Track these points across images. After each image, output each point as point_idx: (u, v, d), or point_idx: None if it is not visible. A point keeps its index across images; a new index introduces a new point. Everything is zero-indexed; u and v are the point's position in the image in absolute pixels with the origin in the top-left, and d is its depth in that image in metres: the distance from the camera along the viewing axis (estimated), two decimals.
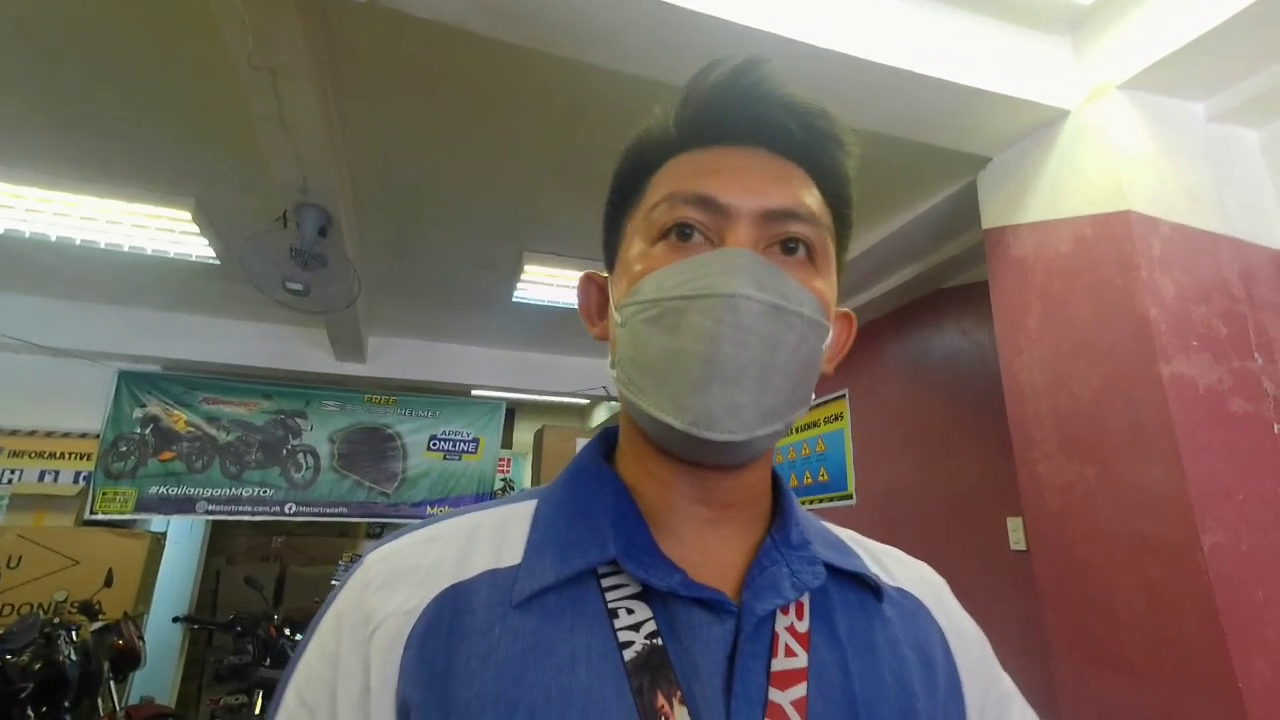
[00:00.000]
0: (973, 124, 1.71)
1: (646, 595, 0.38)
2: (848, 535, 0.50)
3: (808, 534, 0.45)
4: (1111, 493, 1.43)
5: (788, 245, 0.43)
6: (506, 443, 4.91)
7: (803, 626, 0.39)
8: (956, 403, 2.66)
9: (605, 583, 0.39)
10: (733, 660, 0.36)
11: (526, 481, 6.27)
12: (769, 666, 0.37)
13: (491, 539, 0.41)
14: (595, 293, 0.51)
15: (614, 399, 4.72)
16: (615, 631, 0.37)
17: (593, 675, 0.35)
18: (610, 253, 0.50)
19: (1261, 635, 1.23)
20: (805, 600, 0.41)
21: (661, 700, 0.34)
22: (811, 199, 0.44)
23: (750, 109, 0.44)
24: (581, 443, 4.43)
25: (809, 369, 0.42)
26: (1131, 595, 1.37)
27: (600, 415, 5.44)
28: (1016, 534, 2.28)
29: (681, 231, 0.42)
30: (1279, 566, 1.28)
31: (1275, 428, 1.40)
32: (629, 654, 0.36)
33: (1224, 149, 1.60)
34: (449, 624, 0.36)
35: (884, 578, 0.46)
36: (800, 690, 0.37)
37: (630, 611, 0.37)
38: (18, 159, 2.26)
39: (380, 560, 0.40)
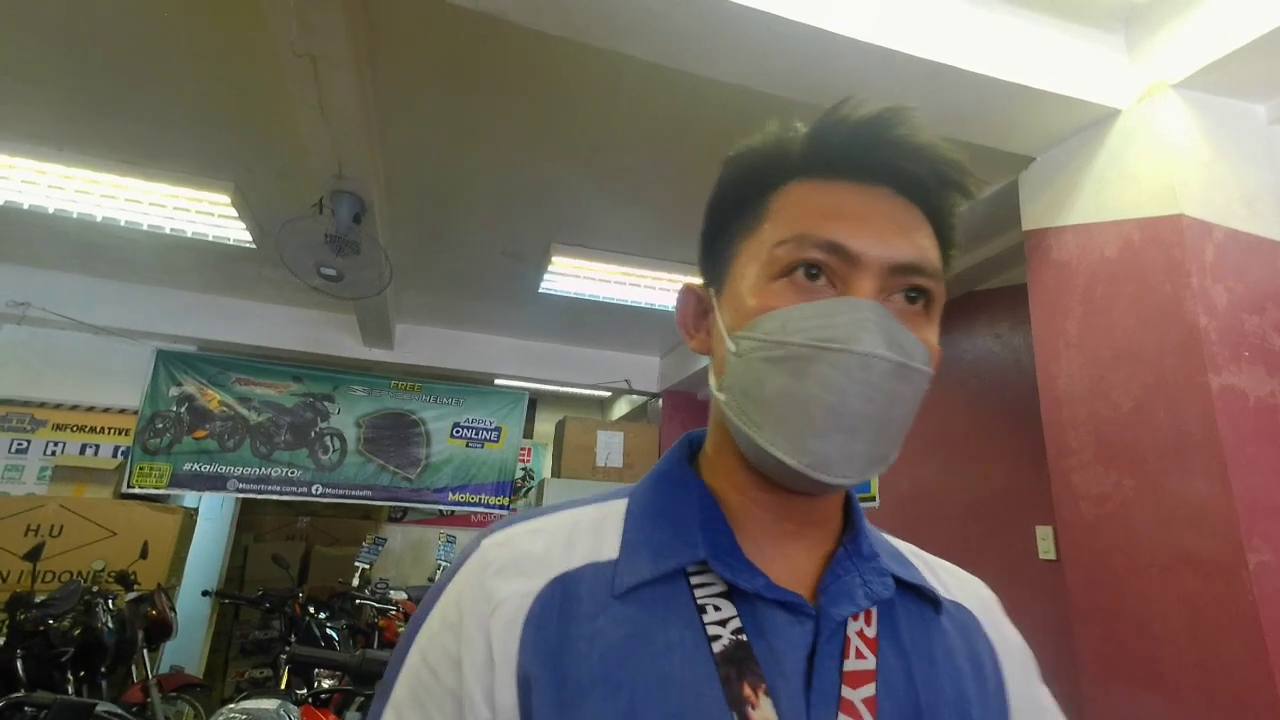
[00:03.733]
0: (1018, 122, 1.66)
1: (731, 595, 0.41)
2: (907, 548, 0.52)
3: (876, 546, 0.48)
4: (1151, 505, 1.39)
5: (908, 294, 0.44)
6: (528, 433, 4.95)
7: (871, 632, 0.42)
8: (987, 407, 2.61)
9: (694, 580, 0.42)
10: (812, 660, 0.40)
11: (546, 471, 6.32)
12: (841, 666, 0.40)
13: (590, 534, 0.45)
14: (694, 303, 0.51)
15: (636, 392, 4.73)
16: (704, 625, 0.40)
17: (686, 663, 0.38)
18: (714, 265, 0.50)
19: None
20: (873, 609, 0.44)
21: (748, 690, 0.37)
22: (932, 249, 0.45)
23: (888, 153, 0.44)
24: (602, 435, 4.45)
25: (914, 415, 0.44)
26: (1168, 611, 1.33)
27: (621, 408, 5.46)
28: (1045, 543, 2.23)
29: (807, 272, 0.43)
30: None
31: None
32: (717, 646, 0.39)
33: None
34: (559, 608, 0.40)
35: (941, 591, 0.48)
36: (869, 690, 0.39)
37: (717, 609, 0.41)
38: (66, 142, 2.33)
39: (497, 546, 0.44)
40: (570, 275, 3.16)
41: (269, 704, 1.97)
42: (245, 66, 1.91)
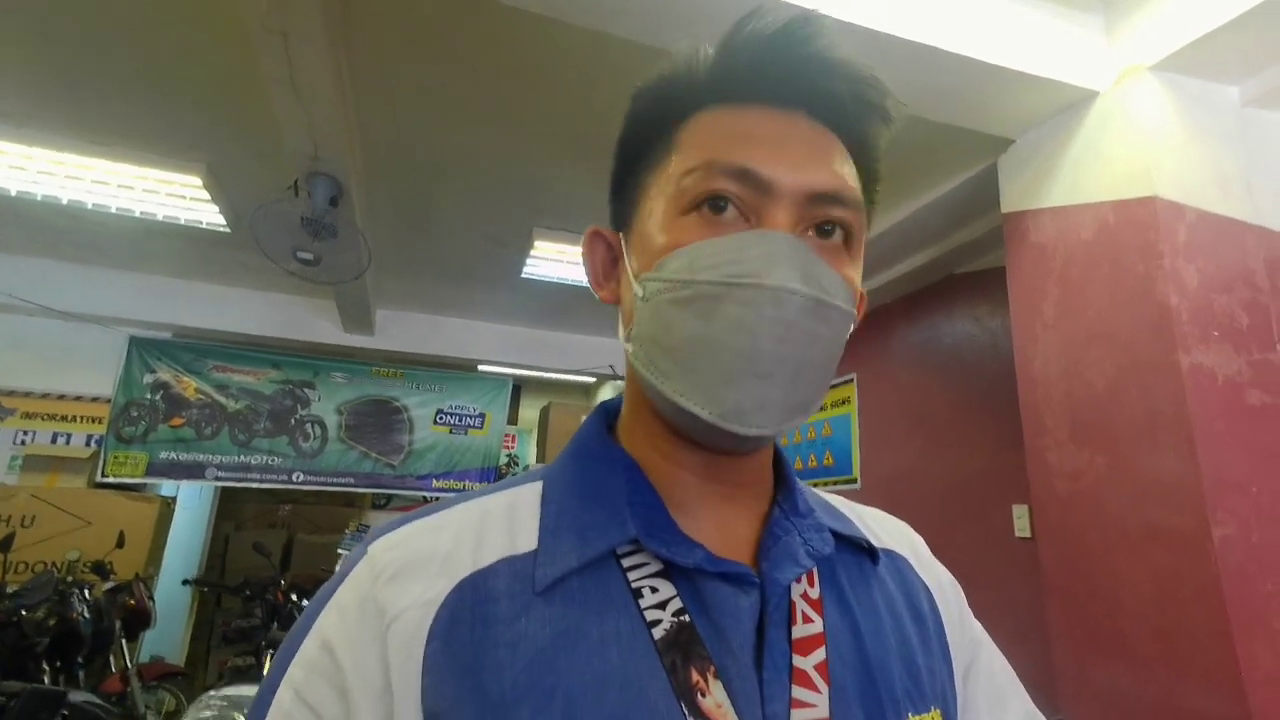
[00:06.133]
0: (996, 104, 1.67)
1: (669, 573, 0.38)
2: (837, 500, 0.50)
3: (811, 501, 0.46)
4: (1122, 482, 1.43)
5: (824, 228, 0.40)
6: (512, 419, 4.93)
7: (814, 593, 0.40)
8: (965, 389, 2.65)
9: (626, 563, 0.38)
10: (760, 631, 0.37)
11: (531, 458, 6.31)
12: (790, 634, 0.38)
13: (503, 524, 0.39)
14: (603, 250, 0.47)
15: (620, 378, 4.72)
16: (642, 611, 0.36)
17: (625, 656, 0.34)
18: (622, 207, 0.46)
19: (1268, 626, 1.23)
20: (814, 568, 0.41)
21: (696, 676, 0.34)
22: (853, 179, 0.41)
23: (800, 70, 0.41)
24: None
25: (836, 360, 0.41)
26: (1137, 584, 1.37)
27: (606, 394, 5.45)
28: (1022, 521, 2.28)
29: (715, 204, 0.39)
30: None
31: None
32: (658, 632, 0.35)
33: (1258, 134, 1.56)
34: (471, 614, 0.35)
35: (873, 540, 0.47)
36: (820, 655, 0.37)
37: (654, 590, 0.37)
38: (30, 121, 2.25)
39: (389, 549, 0.37)
40: (553, 260, 3.14)
41: (251, 691, 1.96)
42: (216, 43, 1.85)
